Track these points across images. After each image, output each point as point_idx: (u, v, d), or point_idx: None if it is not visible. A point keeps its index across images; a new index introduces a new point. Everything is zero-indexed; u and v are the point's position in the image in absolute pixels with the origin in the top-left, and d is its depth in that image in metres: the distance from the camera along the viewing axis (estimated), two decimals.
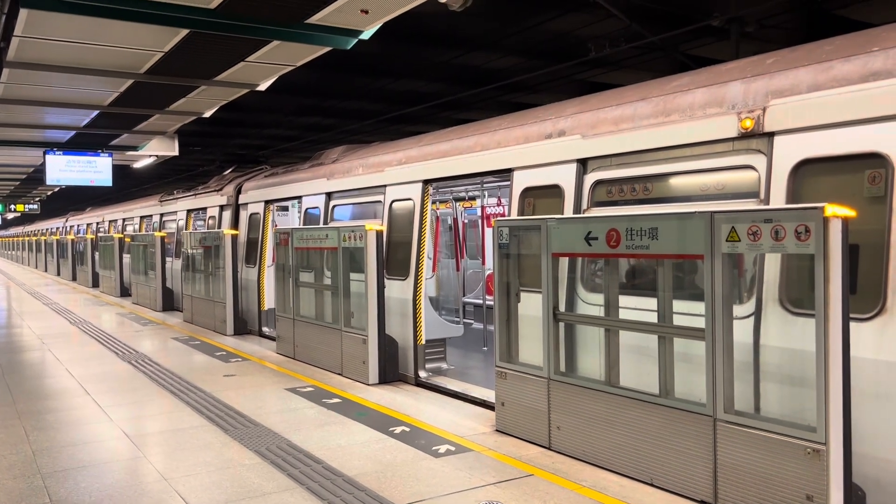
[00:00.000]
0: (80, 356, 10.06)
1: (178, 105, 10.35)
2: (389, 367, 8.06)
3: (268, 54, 7.35)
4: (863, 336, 4.08)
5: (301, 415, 6.68)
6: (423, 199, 8.16)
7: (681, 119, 5.31)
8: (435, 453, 5.47)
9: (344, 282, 8.43)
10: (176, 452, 5.61)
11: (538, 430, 5.61)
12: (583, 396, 5.23)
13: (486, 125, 7.75)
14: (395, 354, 8.17)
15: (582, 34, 12.57)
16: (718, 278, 4.25)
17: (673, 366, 4.76)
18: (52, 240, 33.59)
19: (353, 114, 19.32)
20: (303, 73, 9.71)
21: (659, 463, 4.64)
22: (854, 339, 3.95)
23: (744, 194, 4.93)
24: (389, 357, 8.09)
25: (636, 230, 4.74)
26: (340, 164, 10.37)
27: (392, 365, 8.11)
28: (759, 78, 4.91)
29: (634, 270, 6.08)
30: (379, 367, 7.95)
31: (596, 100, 6.49)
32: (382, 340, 7.98)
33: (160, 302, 16.00)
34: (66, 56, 7.58)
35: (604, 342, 5.27)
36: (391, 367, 8.08)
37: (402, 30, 10.82)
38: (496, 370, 6.05)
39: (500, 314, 6.07)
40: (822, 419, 3.75)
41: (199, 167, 28.15)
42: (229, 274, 11.88)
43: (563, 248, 5.41)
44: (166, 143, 15.00)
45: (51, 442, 5.93)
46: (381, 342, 7.97)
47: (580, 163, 6.14)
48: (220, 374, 8.61)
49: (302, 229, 9.43)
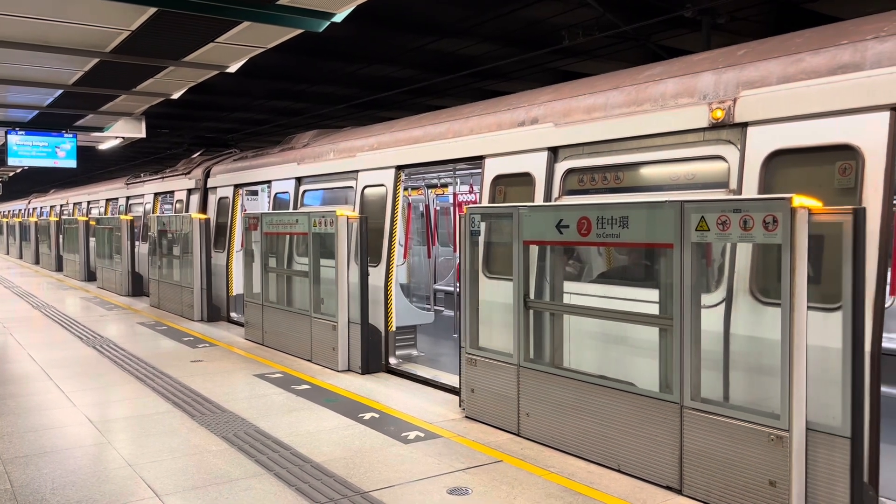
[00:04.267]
0: (42, 341, 9.86)
1: (146, 86, 10.12)
2: (373, 358, 7.85)
3: (238, 35, 7.21)
4: (830, 325, 4.15)
5: (269, 401, 6.63)
6: (395, 185, 8.11)
7: (652, 109, 5.33)
8: (404, 440, 5.47)
9: (314, 268, 8.36)
10: (141, 438, 5.53)
11: (507, 416, 5.63)
12: (551, 383, 5.26)
13: (459, 111, 7.72)
14: (378, 344, 7.90)
15: (555, 22, 12.59)
16: (687, 267, 4.29)
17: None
18: (14, 222, 32.81)
19: (324, 98, 19.13)
20: (274, 55, 9.56)
21: (626, 449, 4.69)
22: (822, 328, 4.01)
23: (714, 184, 4.97)
24: (373, 346, 7.87)
25: (607, 218, 4.76)
26: (311, 148, 10.26)
27: (375, 355, 7.88)
28: (730, 69, 4.94)
29: (581, 258, 6.14)
30: (362, 357, 7.77)
31: (569, 88, 6.49)
32: (366, 329, 7.83)
33: (127, 286, 15.74)
34: (29, 33, 7.35)
35: (549, 326, 5.32)
36: (374, 356, 7.87)
37: (376, 14, 10.72)
38: (466, 357, 6.06)
39: (469, 301, 6.07)
40: (786, 406, 3.82)
41: (166, 150, 27.70)
42: (198, 258, 11.72)
43: (535, 236, 5.41)
44: (133, 125, 14.68)
45: (12, 427, 5.81)
46: (365, 331, 7.82)
47: (552, 151, 6.15)
48: (188, 360, 8.50)
49: (271, 214, 9.32)
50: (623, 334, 5.43)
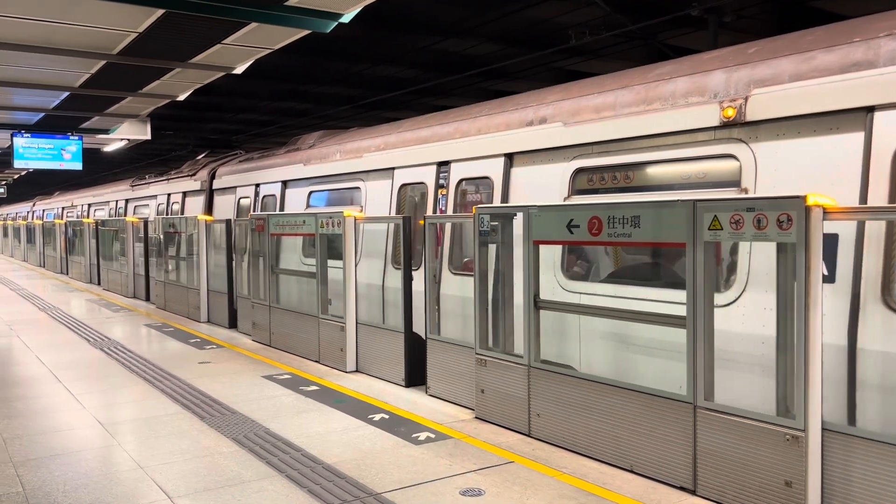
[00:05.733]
0: (50, 343, 9.87)
1: (152, 87, 10.13)
2: (416, 370, 7.00)
3: (245, 37, 7.21)
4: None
5: (279, 402, 6.62)
6: (436, 182, 7.82)
7: (662, 108, 5.31)
8: (415, 440, 5.45)
9: (322, 269, 8.35)
10: (151, 440, 5.52)
11: (518, 417, 5.62)
12: (563, 384, 5.24)
13: (468, 111, 7.70)
14: (423, 354, 6.83)
15: (560, 22, 12.57)
16: (700, 266, 4.27)
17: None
18: (19, 225, 32.88)
19: (329, 99, 19.13)
20: (279, 57, 9.57)
21: (639, 450, 4.67)
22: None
23: (725, 183, 4.96)
24: (416, 357, 6.98)
25: (618, 218, 4.74)
26: (318, 149, 10.26)
27: (419, 367, 6.94)
28: (741, 67, 4.92)
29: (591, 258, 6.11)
30: (406, 370, 7.08)
31: (577, 87, 6.47)
32: (409, 338, 7.09)
33: (132, 288, 15.75)
34: (36, 35, 7.36)
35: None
36: (418, 368, 6.96)
37: (381, 15, 10.71)
38: (476, 357, 6.04)
39: (479, 301, 6.05)
40: (802, 406, 3.80)
41: (171, 152, 27.73)
42: (203, 260, 11.72)
43: (545, 236, 5.39)
44: (138, 127, 14.71)
45: (22, 430, 5.81)
46: (409, 341, 7.09)
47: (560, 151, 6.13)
48: (195, 362, 8.50)
49: (278, 215, 9.31)
50: (632, 333, 5.41)
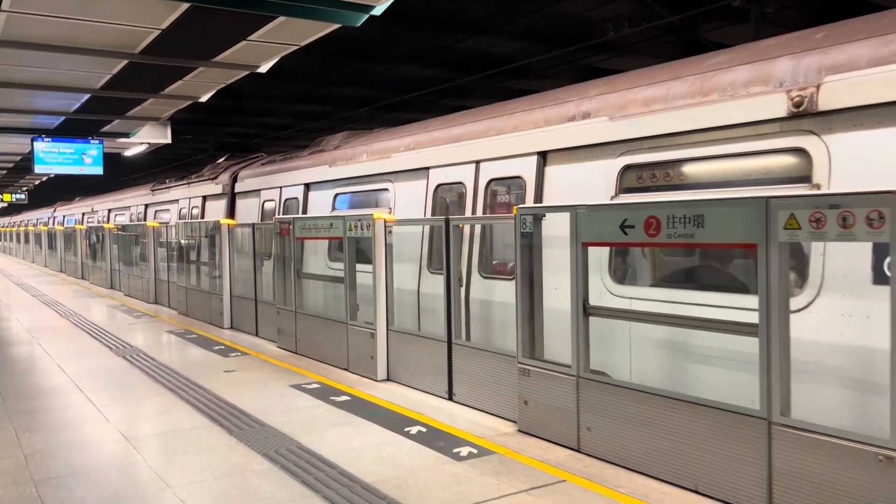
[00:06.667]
0: (71, 351, 9.65)
1: (174, 88, 9.90)
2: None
3: (271, 32, 6.92)
4: None
5: (309, 414, 6.31)
6: (475, 182, 7.45)
7: (721, 98, 4.95)
8: (456, 456, 5.12)
9: (350, 273, 8.05)
10: (178, 456, 5.23)
11: (566, 431, 5.27)
12: (617, 396, 4.88)
13: (502, 108, 7.38)
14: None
15: (589, 17, 12.22)
16: (774, 269, 3.91)
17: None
18: (40, 231, 32.99)
19: (349, 101, 18.88)
20: (300, 57, 9.32)
21: (705, 468, 4.31)
22: None
23: (792, 179, 4.59)
24: None
25: (679, 217, 4.38)
26: (343, 150, 9.98)
27: None
28: (810, 53, 4.55)
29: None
30: (449, 384, 6.67)
31: (622, 80, 6.13)
32: (451, 350, 6.66)
33: (153, 294, 15.57)
34: (57, 34, 7.13)
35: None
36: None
37: (405, 13, 10.43)
38: (518, 367, 5.70)
39: (522, 307, 5.71)
40: None
41: (190, 156, 27.64)
42: (227, 265, 11.47)
43: (595, 237, 5.05)
44: (159, 131, 14.53)
45: (44, 445, 5.55)
46: (451, 352, 6.65)
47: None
48: (220, 370, 8.23)
49: (304, 218, 9.03)
50: (688, 341, 5.06)
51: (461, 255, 7.28)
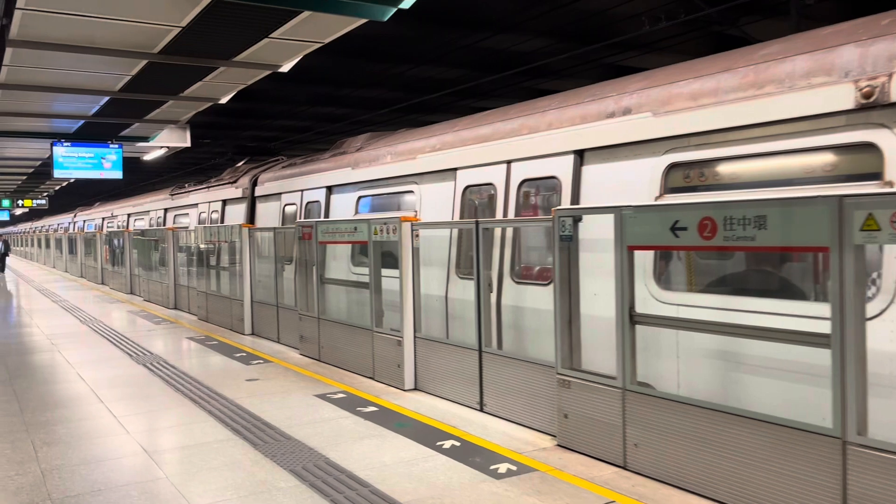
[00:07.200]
0: (91, 358, 9.46)
1: (194, 90, 9.69)
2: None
3: (295, 29, 6.66)
4: None
5: (336, 426, 6.04)
6: (507, 182, 7.13)
7: (777, 91, 4.62)
8: (494, 473, 4.82)
9: (375, 279, 7.77)
10: (202, 473, 4.97)
11: (610, 446, 4.95)
12: (667, 410, 4.56)
13: (534, 105, 7.07)
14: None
15: (615, 13, 11.90)
16: (849, 274, 3.57)
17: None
18: (60, 236, 33.11)
19: (368, 103, 18.66)
20: (319, 58, 9.09)
21: (769, 491, 3.97)
22: None
23: (861, 176, 4.25)
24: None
25: (738, 219, 4.06)
26: (366, 151, 9.72)
27: None
28: (877, 40, 4.22)
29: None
30: (480, 393, 6.34)
31: (664, 74, 5.81)
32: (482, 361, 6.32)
33: (173, 299, 15.40)
34: (75, 33, 6.93)
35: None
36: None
37: (427, 11, 10.16)
38: (557, 378, 5.39)
39: (560, 315, 5.40)
40: None
41: (208, 160, 27.57)
42: (247, 270, 11.25)
43: (642, 240, 4.73)
44: (178, 134, 14.38)
45: (62, 459, 5.31)
46: (481, 363, 6.31)
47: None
48: (242, 379, 7.98)
49: (327, 222, 8.77)
50: (743, 352, 4.72)
51: (492, 260, 6.99)
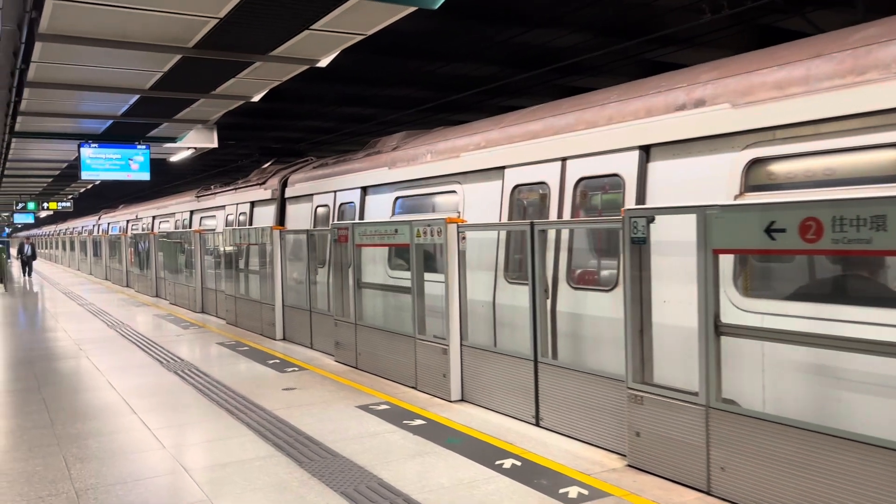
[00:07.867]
0: (120, 364, 9.17)
1: (226, 87, 9.36)
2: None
3: (338, 19, 6.29)
4: None
5: (384, 441, 5.65)
6: (561, 182, 6.67)
7: (882, 77, 4.17)
8: (564, 498, 4.40)
9: (418, 283, 7.39)
10: (248, 495, 4.60)
11: (691, 469, 4.51)
12: (759, 431, 4.12)
13: (590, 99, 6.65)
14: None
15: (658, 6, 11.45)
16: None
17: None
18: (85, 238, 33.14)
19: (396, 102, 18.29)
20: (349, 56, 8.74)
21: None
22: None
23: None
24: None
25: (850, 219, 3.61)
26: (403, 150, 9.34)
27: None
28: None
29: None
30: (536, 406, 5.96)
31: (738, 63, 5.36)
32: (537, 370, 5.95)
33: (201, 303, 15.13)
34: (106, 27, 6.62)
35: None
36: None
37: (461, 5, 9.78)
38: (628, 392, 4.96)
39: (632, 324, 4.97)
40: None
41: (234, 162, 27.36)
42: (279, 273, 10.91)
43: (730, 244, 4.29)
44: (205, 135, 14.11)
45: (96, 478, 4.97)
46: (536, 372, 5.96)
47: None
48: (279, 388, 7.62)
49: (364, 224, 8.40)
50: (845, 367, 4.27)
51: (546, 264, 6.57)
